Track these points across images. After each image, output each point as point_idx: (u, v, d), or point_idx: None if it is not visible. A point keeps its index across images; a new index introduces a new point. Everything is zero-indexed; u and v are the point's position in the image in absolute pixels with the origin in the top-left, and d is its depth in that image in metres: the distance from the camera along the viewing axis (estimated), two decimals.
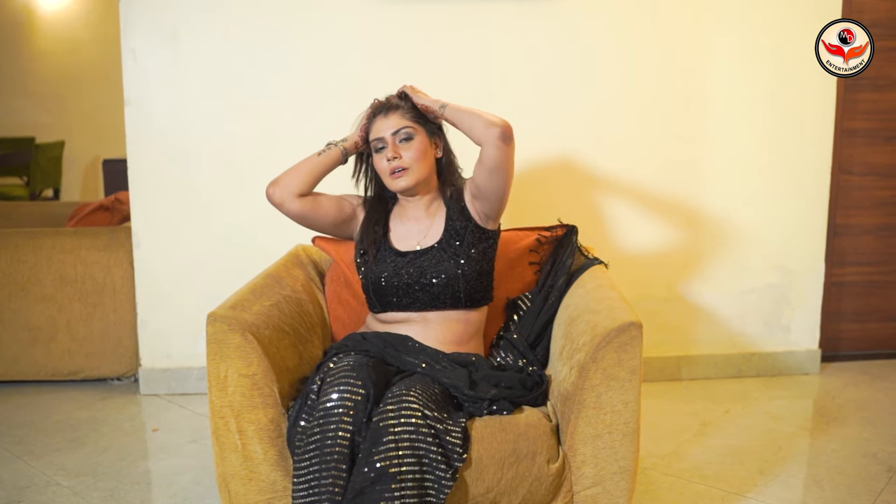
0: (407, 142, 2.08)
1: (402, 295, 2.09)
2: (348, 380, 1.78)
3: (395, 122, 2.09)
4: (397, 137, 2.08)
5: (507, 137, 2.00)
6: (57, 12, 7.04)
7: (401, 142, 2.08)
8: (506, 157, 2.02)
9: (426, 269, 2.08)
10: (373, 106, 2.16)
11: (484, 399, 1.89)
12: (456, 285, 2.07)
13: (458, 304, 2.09)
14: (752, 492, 2.42)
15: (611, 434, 1.85)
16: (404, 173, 2.08)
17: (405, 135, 2.08)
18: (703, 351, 3.38)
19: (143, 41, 3.07)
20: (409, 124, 2.09)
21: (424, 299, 2.08)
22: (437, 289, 2.07)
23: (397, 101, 2.14)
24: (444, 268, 2.07)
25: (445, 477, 1.73)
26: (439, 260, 2.09)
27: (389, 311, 2.13)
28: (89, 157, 7.14)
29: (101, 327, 3.27)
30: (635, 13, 3.15)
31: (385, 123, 2.09)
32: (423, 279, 2.07)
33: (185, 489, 2.46)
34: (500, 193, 2.09)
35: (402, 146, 2.08)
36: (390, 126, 2.09)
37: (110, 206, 3.73)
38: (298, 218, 2.18)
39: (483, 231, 2.15)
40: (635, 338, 1.83)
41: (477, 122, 2.02)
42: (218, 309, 1.92)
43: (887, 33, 3.38)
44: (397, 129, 2.08)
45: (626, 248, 3.25)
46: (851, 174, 3.49)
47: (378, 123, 2.11)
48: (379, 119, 2.11)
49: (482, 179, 2.06)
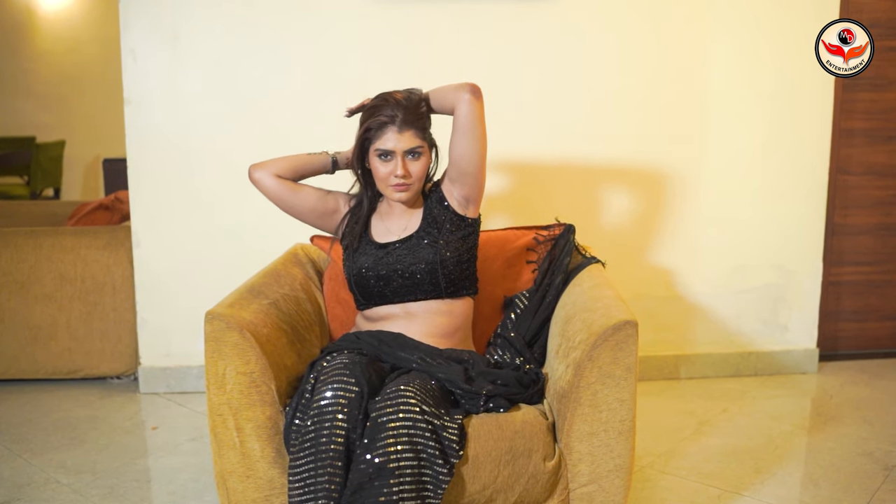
0: (415, 159, 2.09)
1: (384, 285, 2.11)
2: (342, 377, 1.79)
3: (409, 140, 2.07)
4: (408, 154, 2.08)
5: (476, 92, 2.07)
6: (57, 12, 7.05)
7: (410, 158, 2.09)
8: (478, 113, 2.08)
9: (404, 256, 2.11)
10: (386, 114, 2.08)
11: (480, 394, 1.89)
12: (435, 272, 2.08)
13: (439, 292, 2.10)
14: (749, 490, 2.42)
15: (606, 432, 1.86)
16: (408, 188, 2.10)
17: (416, 154, 2.09)
18: (700, 350, 3.39)
19: (143, 41, 3.08)
20: (421, 143, 2.09)
21: (405, 288, 2.10)
22: (417, 277, 2.08)
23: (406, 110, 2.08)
24: (422, 255, 2.10)
25: (443, 472, 1.74)
26: (418, 247, 2.11)
27: (373, 304, 2.15)
28: (89, 157, 7.16)
29: (101, 326, 3.28)
30: (634, 13, 3.15)
31: (399, 139, 2.06)
32: (400, 266, 2.10)
33: (183, 486, 2.47)
34: (476, 161, 2.11)
35: (410, 162, 2.08)
36: (404, 143, 2.06)
37: (110, 205, 3.74)
38: (274, 196, 2.22)
39: (461, 218, 2.17)
40: (631, 336, 1.84)
41: (447, 90, 2.10)
42: (216, 307, 1.93)
43: (887, 33, 3.38)
44: (412, 149, 2.07)
45: (623, 248, 3.26)
46: (849, 174, 3.49)
47: (390, 134, 2.06)
48: (391, 130, 2.06)
49: (458, 147, 2.10)
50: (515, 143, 3.18)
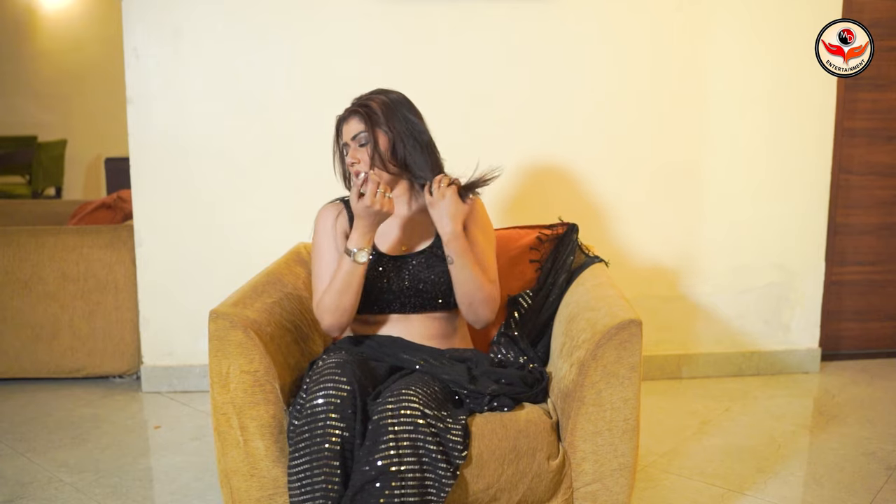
0: (361, 146, 2.04)
1: (393, 299, 2.05)
2: (333, 377, 1.78)
3: (354, 127, 2.04)
4: (355, 142, 2.05)
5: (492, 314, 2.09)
6: (59, 11, 7.05)
7: (358, 147, 2.04)
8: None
9: (416, 274, 2.05)
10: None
11: (484, 394, 1.89)
12: (447, 291, 2.05)
13: (447, 307, 2.08)
14: (752, 490, 2.42)
15: (610, 431, 1.86)
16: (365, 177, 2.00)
17: (361, 142, 2.04)
18: (703, 349, 3.39)
19: (145, 40, 3.08)
20: (363, 129, 2.03)
21: (412, 304, 2.05)
22: (427, 295, 2.05)
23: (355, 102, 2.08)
24: (434, 274, 2.04)
25: (446, 475, 1.74)
26: (429, 265, 2.06)
27: (369, 312, 2.08)
28: (91, 156, 7.16)
29: (104, 325, 3.28)
30: (636, 14, 3.15)
31: (346, 130, 2.06)
32: (408, 283, 2.04)
33: (186, 486, 2.47)
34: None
35: (357, 150, 2.04)
36: (350, 132, 2.04)
37: (112, 204, 3.73)
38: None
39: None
40: (635, 335, 1.84)
41: (479, 307, 2.05)
42: (220, 306, 1.93)
43: (888, 33, 3.38)
44: (354, 135, 2.04)
45: (626, 247, 3.26)
46: (852, 173, 3.49)
47: (342, 129, 2.07)
48: (343, 124, 2.07)
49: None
50: (517, 142, 3.18)
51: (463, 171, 2.12)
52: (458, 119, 3.12)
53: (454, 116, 3.10)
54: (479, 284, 2.03)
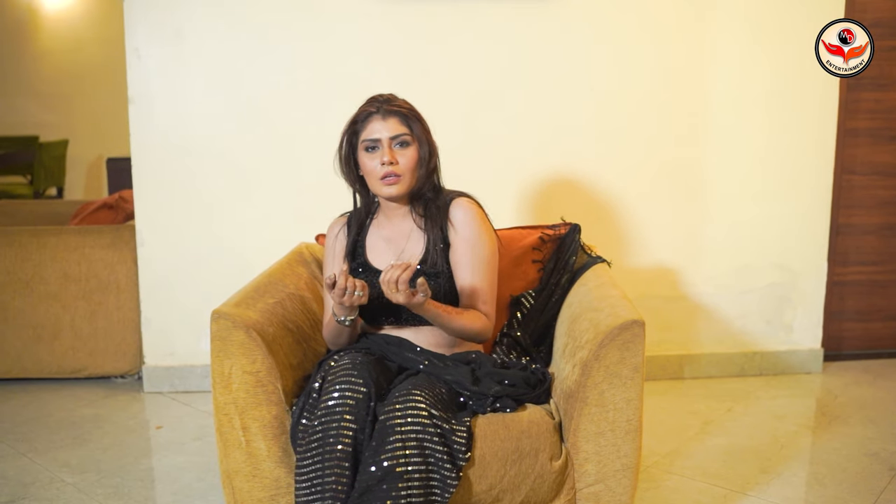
0: (403, 148, 2.00)
1: (394, 313, 2.01)
2: (349, 378, 1.79)
3: (395, 127, 1.99)
4: (395, 142, 2.00)
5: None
6: (60, 11, 7.05)
7: (398, 147, 2.00)
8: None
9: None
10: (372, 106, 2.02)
11: (488, 395, 1.89)
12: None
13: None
14: (755, 490, 2.42)
15: (613, 431, 1.85)
16: (398, 180, 1.99)
17: (404, 143, 2.00)
18: (705, 350, 3.39)
19: (147, 40, 3.08)
20: (406, 131, 2.00)
21: (414, 316, 1.99)
22: None
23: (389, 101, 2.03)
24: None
25: (451, 476, 1.74)
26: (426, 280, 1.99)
27: (373, 324, 2.08)
28: (93, 156, 7.16)
29: (105, 325, 3.28)
30: (637, 14, 3.15)
31: (384, 126, 1.99)
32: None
33: (188, 486, 2.47)
34: None
35: (397, 151, 1.99)
36: (389, 130, 1.99)
37: (114, 204, 3.74)
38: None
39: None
40: (638, 335, 1.84)
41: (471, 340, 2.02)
42: (222, 306, 1.93)
43: (890, 33, 3.38)
44: (397, 136, 1.99)
45: (628, 247, 3.26)
46: (854, 173, 3.49)
47: (375, 124, 2.00)
48: (376, 119, 2.00)
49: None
50: (519, 142, 3.17)
51: (463, 171, 2.11)
52: (459, 119, 3.12)
53: (455, 116, 3.10)
54: (461, 330, 1.97)
